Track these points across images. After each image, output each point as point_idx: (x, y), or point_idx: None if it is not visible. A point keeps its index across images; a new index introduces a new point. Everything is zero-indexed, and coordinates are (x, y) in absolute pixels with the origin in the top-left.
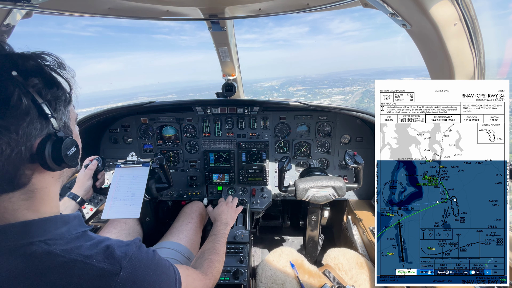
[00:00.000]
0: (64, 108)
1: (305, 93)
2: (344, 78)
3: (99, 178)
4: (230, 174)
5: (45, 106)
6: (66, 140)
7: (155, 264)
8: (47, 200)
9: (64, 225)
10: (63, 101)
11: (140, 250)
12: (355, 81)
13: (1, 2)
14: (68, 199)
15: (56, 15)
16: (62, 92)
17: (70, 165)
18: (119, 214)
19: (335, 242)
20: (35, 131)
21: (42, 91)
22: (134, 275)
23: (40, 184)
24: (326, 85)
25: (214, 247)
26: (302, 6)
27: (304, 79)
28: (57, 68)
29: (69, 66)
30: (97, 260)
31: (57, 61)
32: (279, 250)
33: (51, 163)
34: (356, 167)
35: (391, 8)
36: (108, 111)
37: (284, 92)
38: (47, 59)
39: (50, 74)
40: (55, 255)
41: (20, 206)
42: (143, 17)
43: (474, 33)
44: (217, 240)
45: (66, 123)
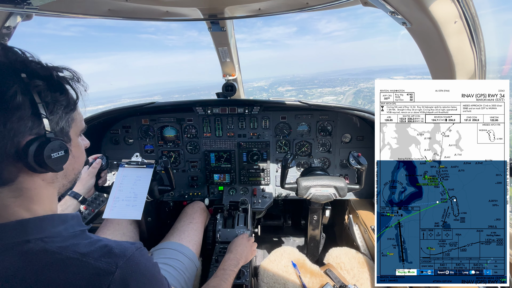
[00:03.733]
0: (64, 114)
1: (295, 93)
2: (333, 78)
3: (101, 176)
4: (231, 174)
5: (41, 106)
6: (54, 142)
7: (151, 275)
8: (38, 201)
9: (61, 223)
10: (64, 106)
11: (140, 253)
12: (345, 81)
13: (1, 5)
14: (70, 197)
15: (56, 17)
16: (64, 97)
17: (53, 168)
18: (120, 215)
19: (337, 241)
20: (24, 128)
21: (43, 92)
22: (129, 278)
23: (28, 184)
24: (316, 85)
25: (220, 285)
26: (301, 5)
27: (293, 79)
28: (70, 79)
29: (85, 81)
30: (94, 258)
31: (72, 74)
32: (281, 249)
33: (32, 163)
34: (359, 168)
35: (391, 6)
36: (109, 112)
37: (274, 92)
38: (62, 71)
39: (58, 81)
40: (51, 253)
41: (11, 203)
42: (143, 18)
43: (474, 31)
44: (224, 278)
45: (65, 129)
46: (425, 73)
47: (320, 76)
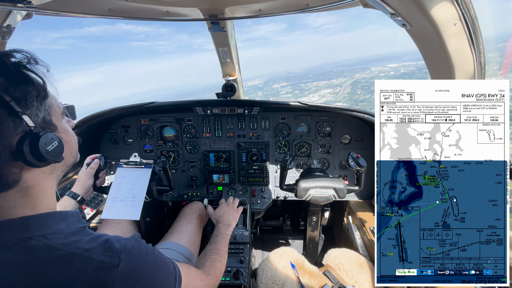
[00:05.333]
0: (39, 104)
1: (291, 90)
2: (328, 71)
3: (100, 177)
4: (230, 174)
5: (14, 104)
6: (44, 136)
7: (154, 259)
8: (43, 196)
9: (63, 220)
10: (36, 97)
11: (139, 244)
12: (340, 73)
13: (1, 3)
14: (68, 198)
15: (57, 16)
16: (32, 87)
17: (55, 160)
18: (119, 215)
19: (336, 243)
20: (8, 130)
21: (8, 89)
22: (133, 268)
23: (32, 181)
24: (311, 79)
25: (215, 247)
26: (302, 6)
27: (287, 75)
28: (27, 64)
29: (42, 60)
30: (96, 253)
31: (27, 56)
32: (280, 250)
33: (32, 160)
34: (358, 169)
35: (391, 8)
36: (109, 111)
37: (269, 90)
38: (15, 56)
39: (17, 71)
40: (54, 249)
41: (17, 203)
42: (143, 18)
43: (474, 33)
44: (218, 241)
45: (46, 118)
46: (419, 58)
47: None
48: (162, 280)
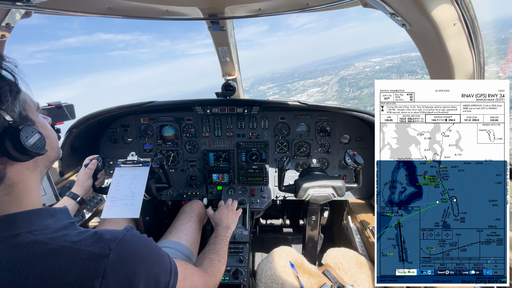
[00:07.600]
0: (13, 99)
1: (277, 90)
2: (313, 69)
3: (98, 177)
4: (229, 174)
5: None
6: (24, 129)
7: (147, 248)
8: (28, 193)
9: (50, 217)
10: (9, 92)
11: (131, 234)
12: (325, 71)
13: (1, 2)
14: (68, 198)
15: (56, 14)
16: (4, 82)
17: (38, 152)
18: (118, 214)
19: (335, 242)
20: None
21: None
22: (125, 257)
23: (16, 178)
24: (297, 78)
25: (214, 248)
26: (302, 6)
27: (273, 76)
28: None
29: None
30: (86, 244)
31: None
32: (279, 250)
33: (16, 154)
34: (356, 167)
35: (391, 8)
36: (108, 111)
37: (255, 92)
38: None
39: None
40: (42, 243)
41: (2, 201)
42: (143, 17)
43: (473, 33)
44: (217, 242)
45: (22, 113)
46: (402, 51)
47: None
48: (155, 270)
